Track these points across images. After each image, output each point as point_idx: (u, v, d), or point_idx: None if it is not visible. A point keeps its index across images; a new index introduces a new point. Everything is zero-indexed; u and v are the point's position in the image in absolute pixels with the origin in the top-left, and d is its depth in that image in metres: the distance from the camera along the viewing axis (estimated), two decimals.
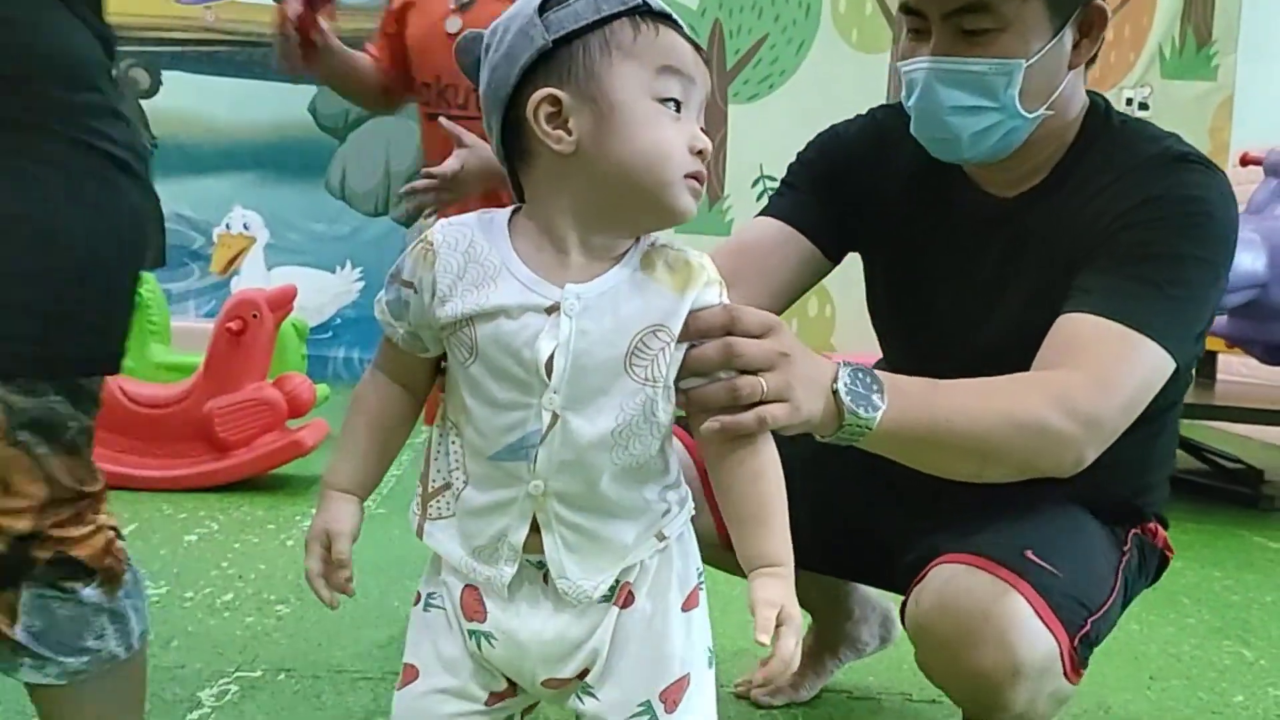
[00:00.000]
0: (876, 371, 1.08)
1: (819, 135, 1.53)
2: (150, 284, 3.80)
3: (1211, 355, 4.22)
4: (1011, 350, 1.21)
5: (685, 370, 0.91)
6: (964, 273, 1.37)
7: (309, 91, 5.31)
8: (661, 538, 0.94)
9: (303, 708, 1.67)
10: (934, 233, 1.40)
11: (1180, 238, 1.21)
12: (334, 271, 5.39)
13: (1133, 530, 1.37)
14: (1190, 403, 3.16)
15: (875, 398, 1.05)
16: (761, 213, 1.50)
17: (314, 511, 1.04)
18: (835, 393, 1.02)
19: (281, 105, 5.29)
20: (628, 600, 0.94)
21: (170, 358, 3.77)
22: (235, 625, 2.00)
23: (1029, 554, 1.18)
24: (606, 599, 0.93)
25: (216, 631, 1.96)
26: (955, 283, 1.38)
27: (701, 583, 0.99)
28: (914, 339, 1.46)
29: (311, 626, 2.01)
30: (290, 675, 1.79)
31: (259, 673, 1.79)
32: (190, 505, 2.82)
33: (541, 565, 0.93)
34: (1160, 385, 1.19)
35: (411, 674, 0.98)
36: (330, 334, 5.23)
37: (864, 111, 1.52)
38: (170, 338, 3.90)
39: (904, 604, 1.25)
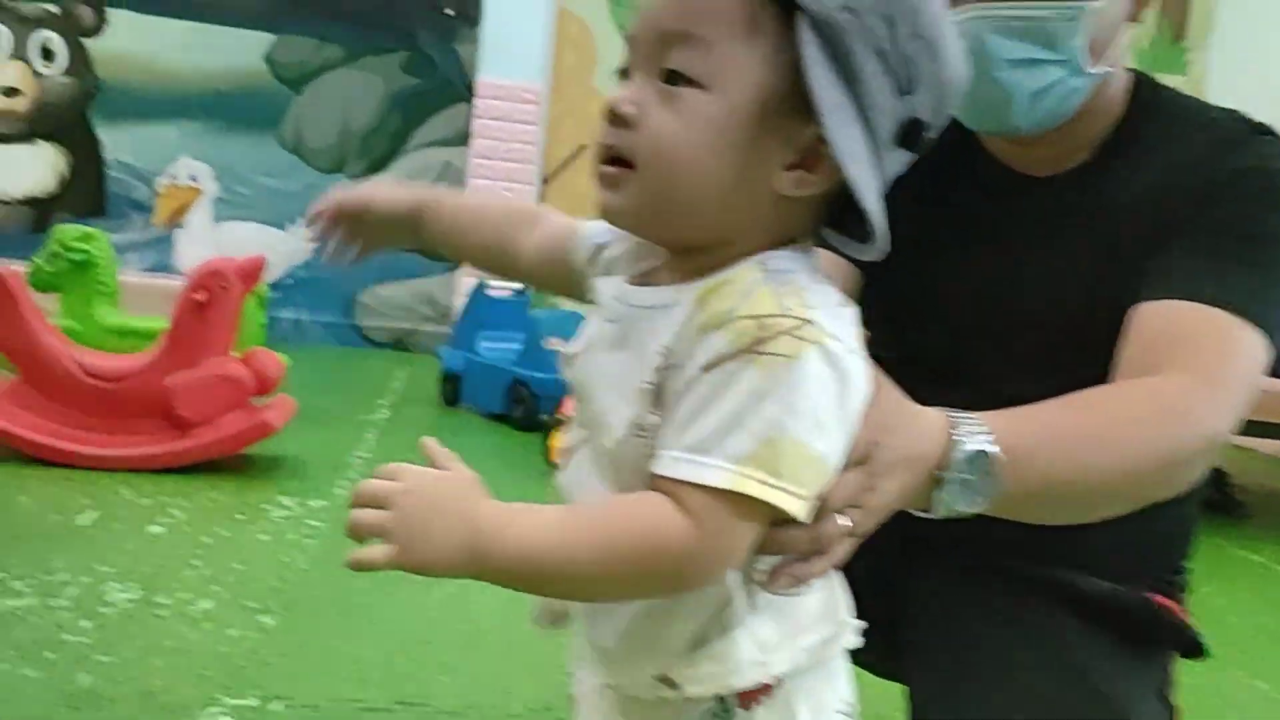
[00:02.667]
0: (994, 433, 0.84)
1: None
2: (99, 240, 3.57)
3: None
4: (1040, 348, 1.08)
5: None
6: (983, 268, 1.18)
7: (266, 39, 5.05)
8: None
9: None
10: (950, 219, 1.21)
11: (1272, 212, 1.05)
12: (284, 229, 5.16)
13: (1164, 642, 1.17)
14: None
15: (988, 487, 0.84)
16: None
17: (283, 500, 0.94)
18: (937, 481, 0.83)
19: (236, 51, 5.04)
20: None
21: (120, 320, 3.56)
22: (218, 640, 1.85)
23: None
24: None
25: (198, 648, 1.81)
26: (974, 280, 1.19)
27: None
28: (918, 337, 1.22)
29: (302, 642, 1.88)
30: (289, 705, 1.65)
31: (253, 701, 1.65)
32: (150, 489, 2.64)
33: None
34: (1261, 381, 1.02)
35: None
36: (280, 294, 5.01)
37: None
38: (119, 298, 3.68)
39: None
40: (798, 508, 0.68)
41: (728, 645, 0.74)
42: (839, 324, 0.71)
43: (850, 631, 0.81)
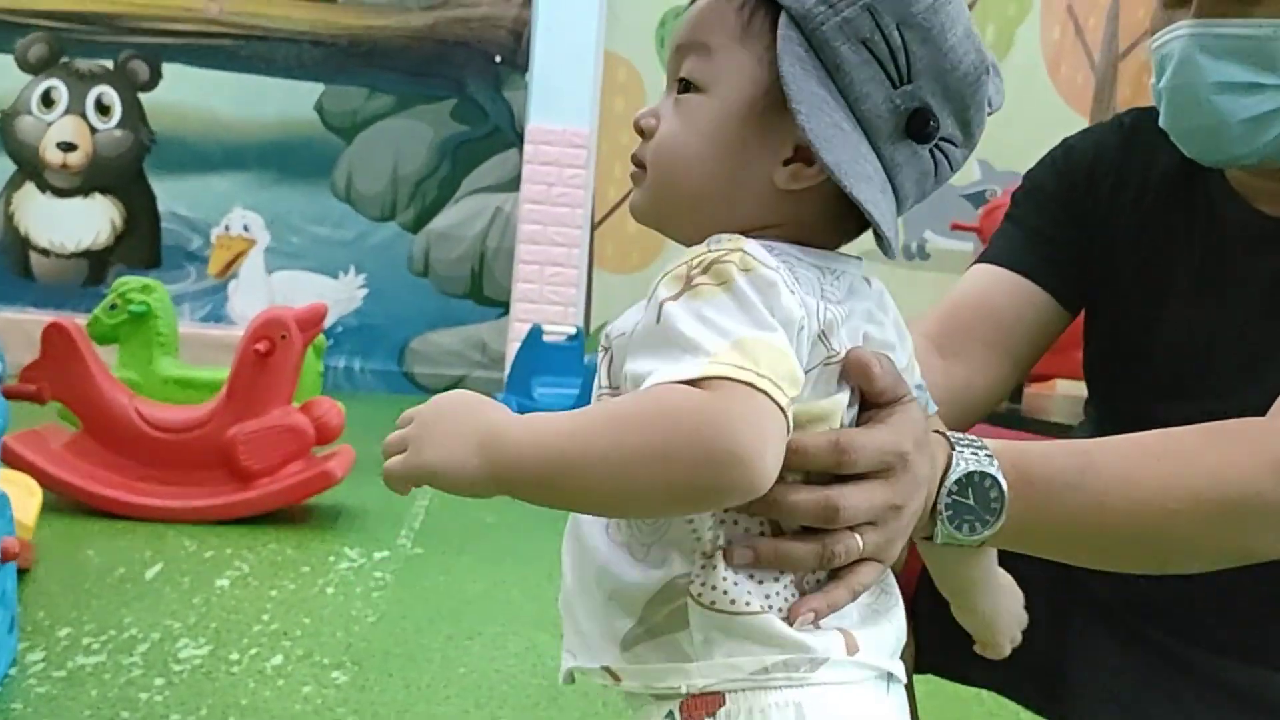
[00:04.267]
0: (997, 455, 0.80)
1: (1049, 152, 1.23)
2: (159, 292, 3.58)
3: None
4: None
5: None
6: (1221, 311, 1.08)
7: (316, 89, 5.09)
8: None
9: None
10: (1184, 258, 1.11)
11: None
12: (336, 277, 5.18)
13: None
14: None
15: (988, 513, 0.79)
16: (983, 257, 1.23)
17: (348, 551, 0.92)
18: (935, 510, 0.78)
19: (287, 102, 5.08)
20: None
21: (179, 371, 3.56)
22: (292, 697, 1.81)
23: None
24: None
25: (274, 705, 1.77)
26: (1209, 325, 1.09)
27: None
28: (1140, 395, 1.15)
29: (375, 699, 1.83)
30: None
31: None
32: (215, 542, 2.62)
33: None
34: None
35: None
36: (332, 342, 5.01)
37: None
38: (178, 348, 3.68)
39: None
40: (782, 399, 0.65)
41: (656, 648, 0.72)
42: (769, 257, 0.69)
43: (849, 668, 0.72)
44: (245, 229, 5.10)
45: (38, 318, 4.57)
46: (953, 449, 0.78)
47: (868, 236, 0.76)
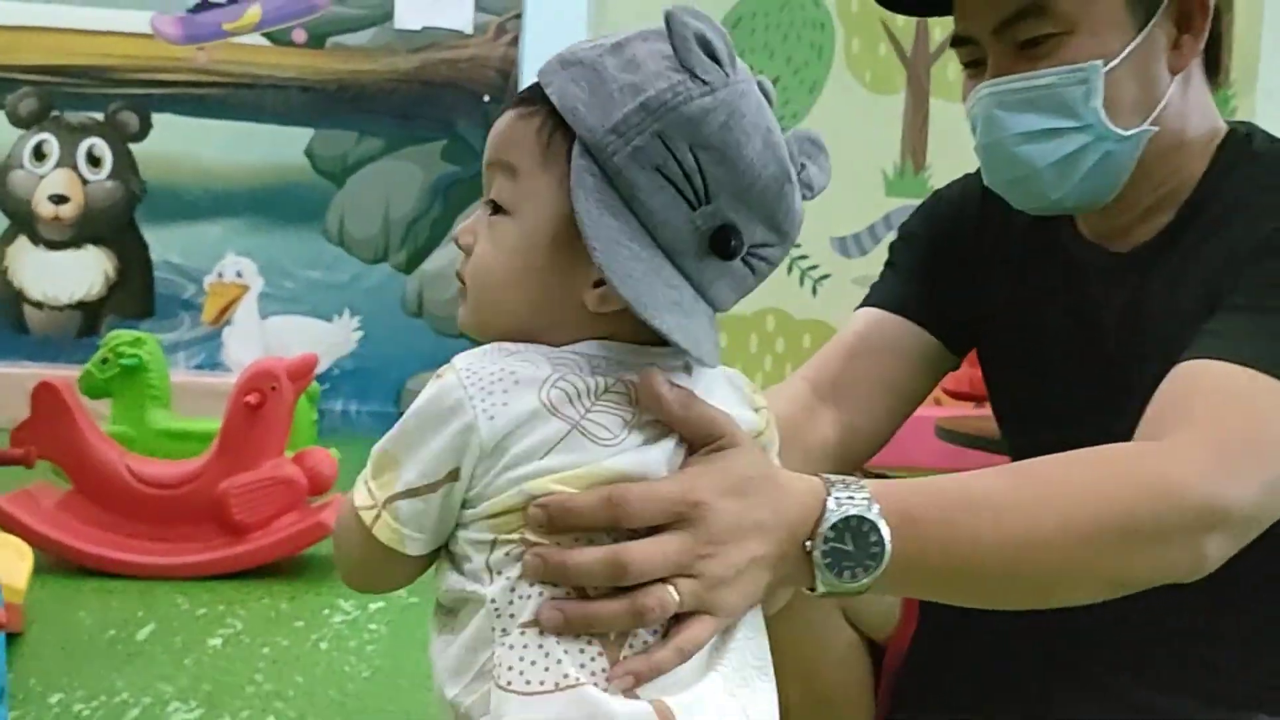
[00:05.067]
0: (877, 497, 0.77)
1: (922, 203, 1.32)
2: (150, 344, 3.58)
3: None
4: None
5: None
6: (1088, 346, 1.14)
7: (306, 134, 5.11)
8: None
9: None
10: (1049, 300, 1.17)
11: None
12: (330, 320, 5.17)
13: None
14: None
15: (869, 558, 0.76)
16: (864, 302, 1.28)
17: (341, 604, 0.99)
18: (810, 555, 0.76)
19: (277, 148, 5.08)
20: None
21: (172, 423, 3.55)
22: None
23: None
24: None
25: None
26: (1076, 363, 1.15)
27: None
28: (1035, 433, 1.19)
29: None
30: None
31: None
32: (207, 598, 2.60)
33: None
34: None
35: None
36: (328, 385, 5.00)
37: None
38: (170, 400, 3.67)
39: None
40: (359, 499, 0.75)
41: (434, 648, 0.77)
42: (485, 364, 0.74)
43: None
44: (238, 275, 5.10)
45: (33, 371, 4.56)
46: (828, 494, 0.76)
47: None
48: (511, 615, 0.70)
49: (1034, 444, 1.01)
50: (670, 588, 0.70)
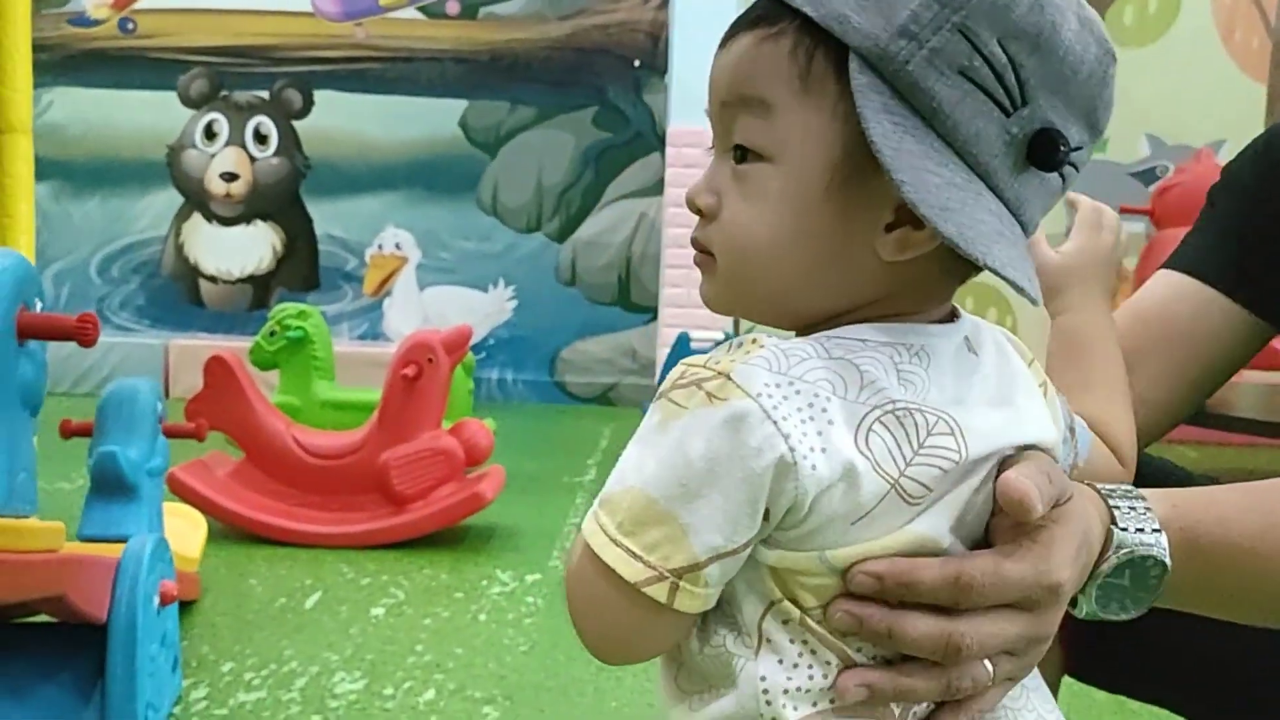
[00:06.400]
0: (1164, 523, 0.69)
1: (1250, 143, 1.13)
2: (315, 317, 3.67)
3: None
4: None
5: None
6: None
7: (460, 105, 5.16)
8: None
9: None
10: None
11: None
12: (486, 290, 5.23)
13: None
14: None
15: (1144, 591, 0.69)
16: (1167, 262, 1.13)
17: (500, 574, 0.92)
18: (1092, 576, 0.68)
19: (432, 120, 5.16)
20: None
21: (337, 394, 3.64)
22: None
23: None
24: None
25: None
26: None
27: None
28: None
29: None
30: None
31: None
32: (371, 568, 2.65)
33: None
34: None
35: None
36: (484, 354, 5.07)
37: None
38: (334, 371, 3.77)
39: None
40: (629, 572, 0.60)
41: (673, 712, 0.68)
42: (764, 383, 0.59)
43: None
44: (397, 247, 5.21)
45: (209, 343, 4.78)
46: (1113, 521, 0.67)
47: None
48: (788, 705, 0.61)
49: None
50: (988, 664, 0.62)
